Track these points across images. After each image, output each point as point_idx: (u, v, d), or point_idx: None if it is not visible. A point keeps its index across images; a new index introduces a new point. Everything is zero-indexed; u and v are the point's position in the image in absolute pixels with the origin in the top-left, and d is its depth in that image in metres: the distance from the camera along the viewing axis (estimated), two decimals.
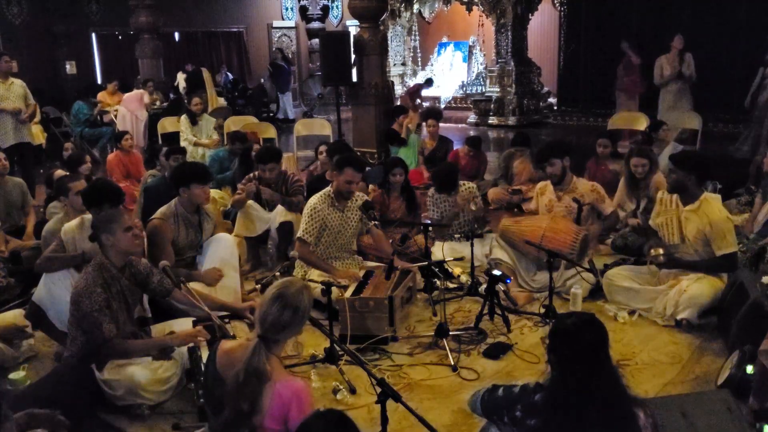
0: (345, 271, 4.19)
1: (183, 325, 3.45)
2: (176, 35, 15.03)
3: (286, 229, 4.89)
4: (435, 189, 5.06)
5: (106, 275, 3.14)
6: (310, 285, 2.34)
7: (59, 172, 5.52)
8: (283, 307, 2.22)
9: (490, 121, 12.10)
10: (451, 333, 3.67)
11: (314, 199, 4.30)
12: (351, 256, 4.53)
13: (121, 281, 3.21)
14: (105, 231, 3.15)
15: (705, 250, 3.89)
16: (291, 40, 15.96)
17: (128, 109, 9.50)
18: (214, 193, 5.72)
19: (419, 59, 16.01)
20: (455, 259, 4.46)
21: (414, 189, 5.33)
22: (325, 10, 15.67)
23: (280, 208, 4.97)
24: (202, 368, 2.64)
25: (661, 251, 3.88)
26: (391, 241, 4.70)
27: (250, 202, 4.98)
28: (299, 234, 4.24)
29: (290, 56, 15.58)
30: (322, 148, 6.17)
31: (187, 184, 4.10)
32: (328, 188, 4.34)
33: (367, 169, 7.69)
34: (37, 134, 8.51)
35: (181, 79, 11.17)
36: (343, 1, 15.76)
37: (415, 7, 14.69)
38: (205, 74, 11.10)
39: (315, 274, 4.14)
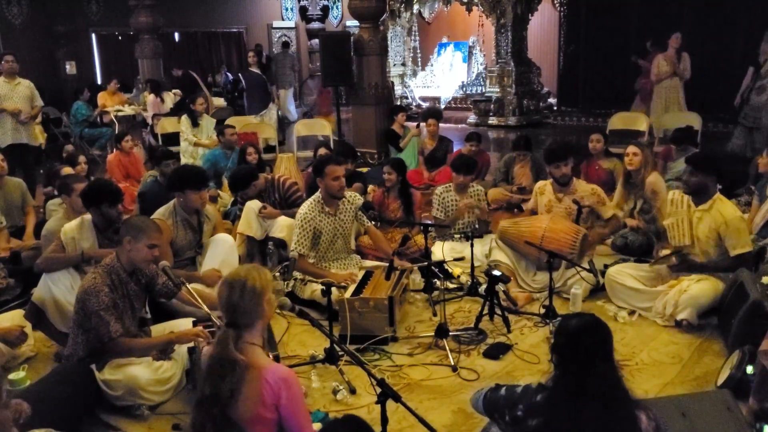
0: (342, 274, 4.19)
1: (183, 325, 3.45)
2: (176, 35, 15.02)
3: (276, 243, 4.96)
4: (452, 170, 5.06)
5: (115, 278, 3.14)
6: (262, 267, 2.36)
7: (67, 169, 5.53)
8: (230, 287, 2.24)
9: (490, 122, 12.10)
10: (451, 333, 3.67)
11: (304, 208, 4.29)
12: (349, 256, 4.53)
13: (129, 285, 3.21)
14: (131, 235, 3.13)
15: (715, 251, 3.87)
16: (291, 41, 15.98)
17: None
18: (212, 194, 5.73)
19: (419, 59, 16.01)
20: (455, 259, 4.46)
21: (410, 191, 5.32)
22: (325, 10, 15.67)
23: (280, 219, 4.97)
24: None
25: (673, 258, 3.86)
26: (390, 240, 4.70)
27: (259, 207, 4.99)
28: (292, 247, 4.23)
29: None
30: (322, 151, 6.12)
31: (182, 190, 4.10)
32: (317, 194, 4.33)
33: (367, 169, 7.71)
34: (37, 134, 8.50)
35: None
36: (343, 1, 15.76)
37: (415, 7, 14.68)
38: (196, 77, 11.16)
39: None
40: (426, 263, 4.06)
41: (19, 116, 6.71)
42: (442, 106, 13.85)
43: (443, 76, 15.16)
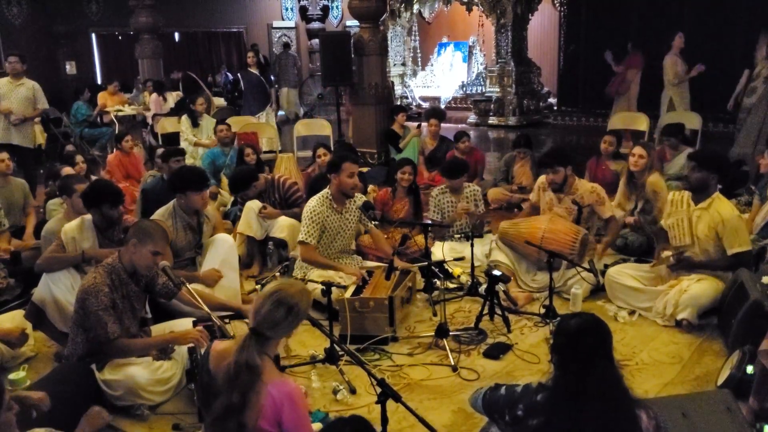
0: (352, 268, 4.18)
1: (183, 325, 3.45)
2: (176, 35, 15.03)
3: (276, 243, 4.96)
4: (441, 174, 5.07)
5: (115, 277, 3.13)
6: (309, 290, 2.30)
7: (67, 169, 5.53)
8: (278, 304, 2.20)
9: (490, 122, 12.11)
10: (451, 333, 3.67)
11: (313, 202, 4.29)
12: (350, 256, 4.53)
13: (129, 286, 3.21)
14: (138, 238, 3.11)
15: (715, 250, 3.86)
16: (291, 40, 15.98)
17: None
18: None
19: (419, 59, 16.01)
20: (455, 259, 4.46)
21: (420, 191, 5.31)
22: (325, 10, 15.67)
23: (281, 220, 4.96)
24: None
25: (670, 254, 3.86)
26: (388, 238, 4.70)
27: (259, 207, 4.98)
28: (301, 237, 4.22)
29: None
30: (320, 151, 6.10)
31: (184, 191, 4.10)
32: (326, 190, 4.33)
33: (367, 169, 7.71)
34: (36, 135, 8.49)
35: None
36: (343, 1, 15.76)
37: (415, 7, 14.69)
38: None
39: (315, 274, 4.12)
40: (426, 263, 4.06)
41: (10, 117, 6.67)
42: (442, 106, 13.85)
43: (443, 76, 15.17)
